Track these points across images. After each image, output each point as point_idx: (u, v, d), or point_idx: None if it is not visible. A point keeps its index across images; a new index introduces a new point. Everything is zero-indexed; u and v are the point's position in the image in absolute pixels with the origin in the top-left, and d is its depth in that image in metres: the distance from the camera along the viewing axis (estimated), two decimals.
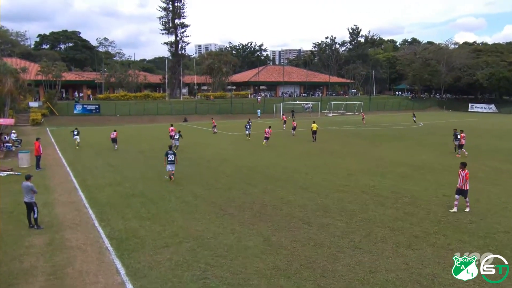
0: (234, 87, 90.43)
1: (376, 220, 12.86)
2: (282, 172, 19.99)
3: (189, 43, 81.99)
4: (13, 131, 33.32)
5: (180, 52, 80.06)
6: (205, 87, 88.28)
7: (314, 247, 10.76)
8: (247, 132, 35.19)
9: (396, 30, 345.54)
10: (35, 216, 12.25)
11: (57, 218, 13.20)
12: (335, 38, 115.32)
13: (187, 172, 20.00)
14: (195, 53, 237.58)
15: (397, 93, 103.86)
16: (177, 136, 29.40)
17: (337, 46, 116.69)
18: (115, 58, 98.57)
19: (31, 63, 65.59)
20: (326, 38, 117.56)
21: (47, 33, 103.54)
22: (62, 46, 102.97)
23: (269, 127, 31.66)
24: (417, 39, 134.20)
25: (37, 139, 22.56)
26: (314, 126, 33.31)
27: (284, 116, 47.93)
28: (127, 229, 12.12)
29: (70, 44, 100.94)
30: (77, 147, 29.17)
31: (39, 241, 11.27)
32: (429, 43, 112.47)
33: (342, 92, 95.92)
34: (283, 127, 44.16)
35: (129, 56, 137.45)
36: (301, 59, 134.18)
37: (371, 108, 77.35)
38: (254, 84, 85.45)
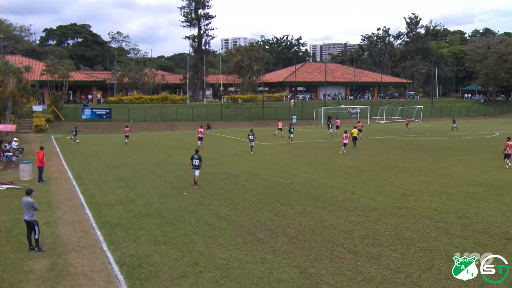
0: (267, 89, 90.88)
1: (439, 251, 12.45)
2: (323, 190, 19.80)
3: (214, 37, 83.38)
4: (15, 139, 34.78)
5: (203, 48, 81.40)
6: (232, 89, 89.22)
7: (362, 283, 10.54)
8: (290, 135, 40.44)
9: (464, 19, 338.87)
10: (36, 236, 12.66)
11: (60, 240, 13.59)
12: (388, 29, 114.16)
13: (210, 189, 20.15)
14: (221, 48, 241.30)
15: (465, 95, 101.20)
16: (252, 136, 33.63)
17: (391, 39, 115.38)
18: (129, 55, 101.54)
19: (36, 61, 68.66)
20: (378, 29, 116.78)
21: (54, 27, 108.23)
22: (70, 42, 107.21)
23: (345, 132, 33.60)
24: (491, 29, 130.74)
25: (41, 148, 23.44)
26: (355, 131, 36.18)
27: (280, 123, 47.93)
28: (139, 254, 12.31)
29: (79, 40, 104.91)
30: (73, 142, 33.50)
31: (40, 266, 11.62)
32: (507, 34, 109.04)
33: (397, 94, 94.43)
34: (278, 133, 45.81)
35: (145, 52, 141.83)
36: (347, 55, 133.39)
37: (433, 113, 75.75)
38: (290, 85, 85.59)
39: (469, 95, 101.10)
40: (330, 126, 48.29)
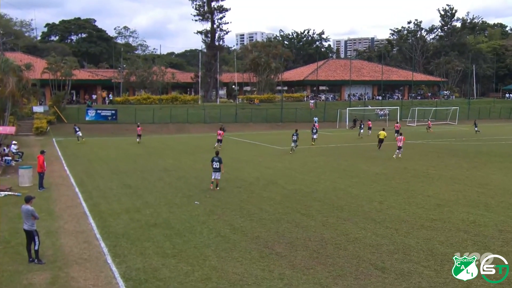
0: (286, 88, 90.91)
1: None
2: (347, 200, 19.69)
3: (228, 31, 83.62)
4: (14, 142, 35.34)
5: (217, 44, 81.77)
6: (248, 88, 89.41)
7: None
8: (313, 136, 41.88)
9: (505, 11, 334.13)
10: (36, 247, 12.82)
11: (62, 251, 13.75)
12: (420, 22, 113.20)
13: (223, 198, 20.20)
14: (236, 44, 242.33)
15: (506, 95, 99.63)
16: (295, 137, 35.53)
17: (424, 33, 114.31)
18: (136, 52, 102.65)
19: (37, 58, 69.82)
20: (409, 22, 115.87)
21: (57, 22, 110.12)
22: (74, 38, 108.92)
23: (401, 134, 34.12)
24: None
25: (42, 152, 23.78)
26: (383, 134, 37.26)
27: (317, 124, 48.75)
28: (146, 268, 12.38)
29: (83, 35, 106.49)
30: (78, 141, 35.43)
31: (39, 279, 11.76)
32: None
33: (430, 94, 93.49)
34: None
35: (154, 49, 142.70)
36: (374, 51, 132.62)
37: (470, 115, 74.78)
38: (311, 84, 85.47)
39: (511, 95, 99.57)
40: (361, 126, 50.33)
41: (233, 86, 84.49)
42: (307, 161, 31.54)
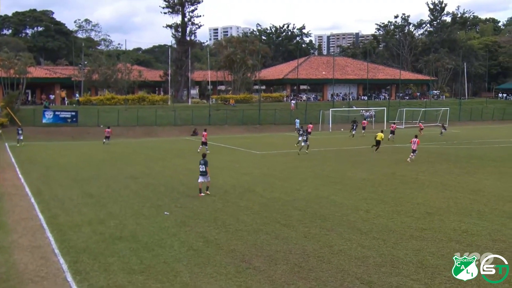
0: (264, 87, 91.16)
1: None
2: (331, 209, 19.78)
3: (201, 25, 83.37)
4: None
5: (188, 39, 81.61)
6: (222, 87, 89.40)
7: None
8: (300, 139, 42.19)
9: (498, 5, 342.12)
10: None
11: (15, 269, 13.48)
12: (408, 17, 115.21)
13: (196, 207, 20.11)
14: (210, 39, 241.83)
15: (500, 95, 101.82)
16: (305, 136, 38.33)
17: (412, 28, 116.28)
18: (99, 47, 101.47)
19: None
20: (396, 17, 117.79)
21: (10, 14, 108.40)
22: (29, 31, 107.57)
23: (416, 137, 34.79)
24: None
25: None
26: (380, 135, 38.86)
27: (310, 125, 51.13)
28: (111, 286, 12.22)
29: (40, 29, 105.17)
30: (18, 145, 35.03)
31: None
32: None
33: (418, 94, 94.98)
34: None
35: (119, 44, 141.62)
36: (359, 47, 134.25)
37: (461, 117, 76.17)
38: (292, 83, 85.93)
39: (504, 94, 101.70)
40: (354, 127, 53.53)
41: (207, 86, 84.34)
42: (287, 166, 31.63)
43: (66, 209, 20.02)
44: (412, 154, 33.56)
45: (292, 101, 75.65)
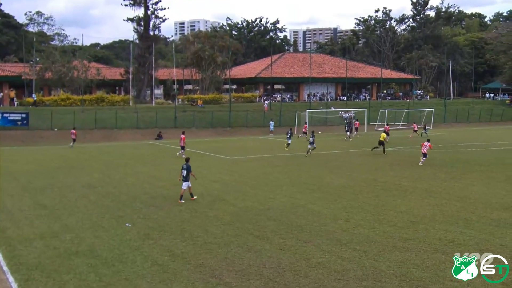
0: (235, 87, 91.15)
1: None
2: (308, 218, 19.85)
3: (165, 19, 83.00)
4: None
5: (152, 33, 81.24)
6: (189, 87, 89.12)
7: None
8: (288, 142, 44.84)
9: (484, 0, 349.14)
10: None
11: None
12: (390, 11, 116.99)
13: (161, 218, 19.98)
14: (175, 34, 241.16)
15: (487, 95, 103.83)
16: (312, 139, 39.89)
17: (394, 23, 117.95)
18: (53, 43, 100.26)
19: None
20: (377, 11, 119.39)
21: None
22: None
23: (428, 141, 35.95)
24: None
25: None
26: (383, 136, 41.40)
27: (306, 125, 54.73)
28: None
29: None
30: None
31: None
32: None
33: (401, 94, 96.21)
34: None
35: (75, 39, 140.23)
36: (337, 44, 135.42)
37: (447, 118, 77.41)
38: (265, 82, 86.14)
39: (492, 94, 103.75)
40: (346, 129, 55.65)
41: (172, 85, 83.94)
42: (260, 173, 31.65)
43: (16, 222, 19.67)
44: (422, 158, 34.76)
45: (266, 102, 75.80)
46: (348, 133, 54.77)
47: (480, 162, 36.11)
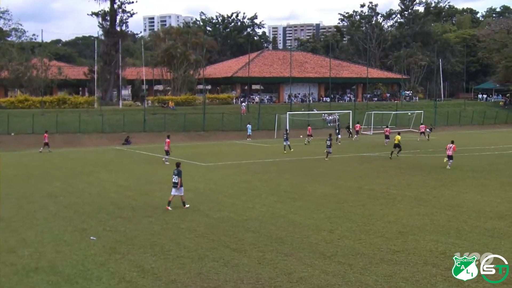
0: (210, 87, 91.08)
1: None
2: (289, 229, 19.88)
3: (134, 13, 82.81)
4: None
5: (119, 29, 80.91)
6: (160, 87, 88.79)
7: None
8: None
9: None
10: None
11: None
12: (376, 6, 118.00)
13: (129, 231, 19.87)
14: (144, 30, 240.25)
15: (479, 96, 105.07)
16: (329, 142, 41.23)
17: (380, 19, 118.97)
18: (9, 39, 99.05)
19: None
20: (362, 6, 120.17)
21: None
22: None
23: (452, 142, 36.83)
24: (511, 7, 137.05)
25: None
26: (398, 138, 42.29)
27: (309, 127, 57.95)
28: None
29: None
30: None
31: None
32: None
33: (388, 94, 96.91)
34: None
35: (34, 35, 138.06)
36: (320, 41, 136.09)
37: (437, 121, 78.14)
38: (242, 82, 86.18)
39: (484, 95, 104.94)
40: (338, 131, 57.68)
41: (141, 85, 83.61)
42: (237, 180, 31.64)
43: None
44: (450, 161, 36.11)
45: (243, 104, 75.83)
46: (339, 136, 56.20)
47: (473, 168, 36.52)
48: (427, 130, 60.60)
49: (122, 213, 22.57)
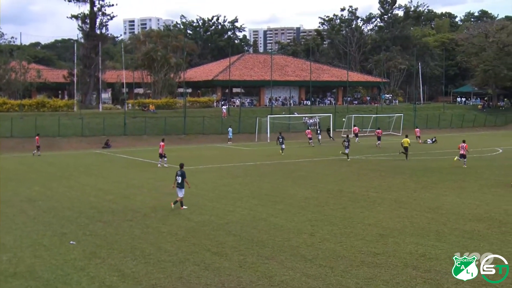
0: (190, 90, 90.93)
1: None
2: (270, 233, 19.89)
3: (114, 16, 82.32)
4: None
5: (98, 32, 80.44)
6: (140, 90, 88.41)
7: None
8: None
9: None
10: None
11: None
12: (356, 10, 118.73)
13: (109, 235, 19.76)
14: (125, 33, 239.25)
15: (458, 99, 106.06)
16: (347, 143, 42.91)
17: (360, 23, 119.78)
18: None
19: None
20: (342, 10, 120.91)
21: None
22: None
23: (464, 142, 38.74)
24: (489, 12, 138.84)
25: None
26: (406, 141, 43.41)
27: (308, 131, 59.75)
28: None
29: None
30: None
31: None
32: (508, 18, 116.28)
33: (368, 98, 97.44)
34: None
35: (12, 37, 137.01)
36: (300, 44, 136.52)
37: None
38: (223, 85, 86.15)
39: (463, 99, 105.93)
40: (319, 132, 60.28)
41: (121, 88, 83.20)
42: (218, 184, 31.59)
43: None
44: (464, 160, 37.98)
45: (224, 107, 75.77)
46: (320, 136, 58.33)
47: (452, 170, 36.82)
48: (428, 140, 60.69)
49: (102, 217, 22.44)
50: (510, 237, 19.24)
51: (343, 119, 71.19)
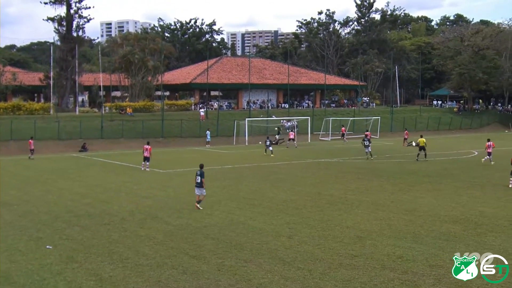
0: (168, 93, 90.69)
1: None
2: (248, 236, 19.90)
3: (91, 19, 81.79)
4: None
5: (75, 34, 79.96)
6: (118, 93, 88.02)
7: None
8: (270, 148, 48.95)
9: (430, 2, 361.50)
10: None
11: None
12: (333, 13, 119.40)
13: (86, 239, 19.60)
14: (102, 36, 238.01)
15: (434, 102, 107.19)
16: (367, 142, 45.27)
17: (337, 26, 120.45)
18: None
19: None
20: (320, 13, 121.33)
21: None
22: None
23: (488, 140, 40.99)
24: (464, 16, 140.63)
25: None
26: (422, 141, 44.54)
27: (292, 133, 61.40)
28: None
29: None
30: None
31: None
32: (483, 22, 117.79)
33: (346, 101, 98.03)
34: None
35: None
36: (278, 47, 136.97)
37: (394, 127, 79.34)
38: (201, 88, 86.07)
39: (439, 102, 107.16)
40: (279, 132, 60.84)
41: (98, 91, 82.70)
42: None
43: None
44: (490, 157, 40.16)
45: (202, 110, 75.69)
46: (295, 141, 58.81)
47: (428, 173, 37.19)
48: (413, 143, 60.51)
49: (79, 221, 22.28)
50: (485, 237, 19.50)
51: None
